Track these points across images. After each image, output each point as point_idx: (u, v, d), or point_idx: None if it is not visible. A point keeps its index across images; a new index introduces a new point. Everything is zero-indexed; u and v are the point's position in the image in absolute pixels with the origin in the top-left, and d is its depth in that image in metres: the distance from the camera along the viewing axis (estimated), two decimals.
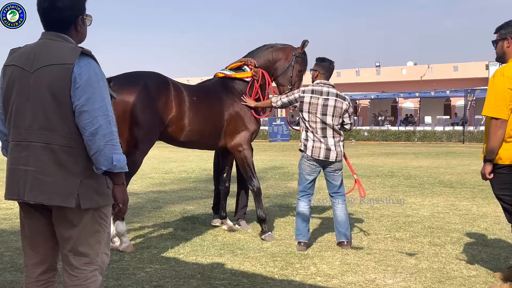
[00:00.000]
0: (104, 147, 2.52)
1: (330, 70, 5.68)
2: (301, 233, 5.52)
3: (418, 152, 22.60)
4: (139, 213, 7.59)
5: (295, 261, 5.04)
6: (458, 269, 4.79)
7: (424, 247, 5.61)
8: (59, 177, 2.53)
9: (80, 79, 2.50)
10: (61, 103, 2.52)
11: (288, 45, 6.36)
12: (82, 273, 2.66)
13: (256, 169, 6.43)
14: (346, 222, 5.59)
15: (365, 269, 4.80)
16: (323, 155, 5.43)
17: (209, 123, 5.88)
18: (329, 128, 5.45)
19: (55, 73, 2.51)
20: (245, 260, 5.07)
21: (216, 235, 6.18)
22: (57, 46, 2.58)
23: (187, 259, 5.11)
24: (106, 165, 2.55)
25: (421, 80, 46.03)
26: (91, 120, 2.51)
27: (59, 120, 2.53)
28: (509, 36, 4.10)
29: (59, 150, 2.53)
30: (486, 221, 6.95)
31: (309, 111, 5.46)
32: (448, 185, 10.81)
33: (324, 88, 5.51)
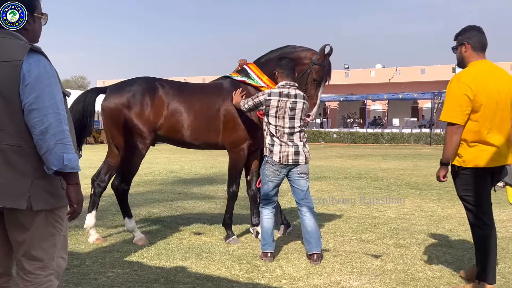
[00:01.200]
0: (55, 146, 2.48)
1: (290, 68, 5.36)
2: (267, 243, 5.26)
3: (385, 154, 22.90)
4: (103, 217, 7.46)
5: (261, 264, 5.03)
6: (423, 270, 4.85)
7: (390, 248, 5.67)
8: (8, 177, 2.47)
9: (29, 76, 2.46)
10: (10, 101, 2.47)
11: (310, 50, 5.86)
12: (37, 278, 2.61)
13: (225, 171, 6.36)
14: (316, 231, 5.24)
15: (331, 271, 4.81)
16: (292, 159, 5.18)
17: (203, 121, 5.87)
18: (297, 132, 5.23)
19: (2, 71, 2.47)
20: (210, 264, 5.03)
21: (181, 238, 6.12)
22: (6, 43, 2.54)
23: (151, 263, 5.04)
24: (57, 165, 2.49)
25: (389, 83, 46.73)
26: (41, 119, 2.46)
27: (7, 119, 2.48)
28: (465, 41, 4.27)
29: (8, 149, 2.48)
30: (451, 223, 7.07)
31: (277, 116, 5.19)
32: (414, 187, 10.98)
33: (291, 91, 5.27)
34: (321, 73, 5.73)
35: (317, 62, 5.71)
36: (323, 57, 5.73)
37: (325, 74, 5.77)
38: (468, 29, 4.32)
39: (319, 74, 5.72)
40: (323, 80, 5.79)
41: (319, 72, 5.72)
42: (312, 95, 5.74)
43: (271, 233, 5.32)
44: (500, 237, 6.16)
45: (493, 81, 4.13)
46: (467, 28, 4.33)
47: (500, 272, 4.77)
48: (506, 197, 4.28)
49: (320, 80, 5.75)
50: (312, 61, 5.73)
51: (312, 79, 5.72)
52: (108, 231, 6.54)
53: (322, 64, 5.71)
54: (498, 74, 4.24)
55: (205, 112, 5.90)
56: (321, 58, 5.72)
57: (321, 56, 5.72)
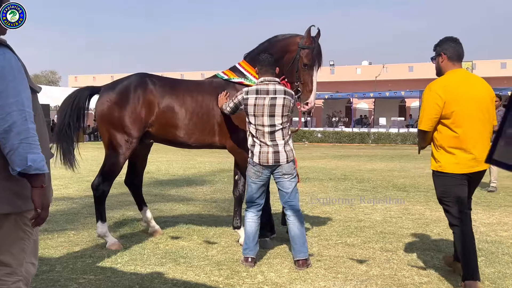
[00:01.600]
0: (19, 145, 2.44)
1: (270, 64, 5.25)
2: (249, 248, 5.22)
3: (372, 155, 23.06)
4: (74, 220, 7.40)
5: (242, 270, 5.02)
6: (410, 275, 4.88)
7: (376, 253, 5.71)
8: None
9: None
10: None
11: (297, 35, 5.78)
12: (4, 285, 2.59)
13: (204, 172, 6.35)
14: (300, 236, 5.18)
15: (315, 276, 4.83)
16: (272, 160, 5.13)
17: (196, 120, 5.88)
18: (278, 130, 5.15)
19: None
20: (188, 269, 5.01)
21: (157, 242, 6.08)
22: None
23: (125, 269, 5.01)
24: (21, 166, 2.44)
25: (376, 80, 47.04)
26: (4, 117, 2.43)
27: None
28: (442, 52, 4.67)
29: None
30: (439, 226, 7.14)
31: (255, 114, 5.13)
32: (401, 189, 11.06)
33: (270, 86, 5.15)
34: (310, 56, 5.63)
35: (304, 45, 5.64)
36: (310, 40, 5.67)
37: (315, 57, 5.65)
38: (445, 41, 4.70)
39: (309, 58, 5.63)
40: (315, 64, 5.69)
41: (308, 55, 5.63)
42: (307, 81, 5.65)
43: (253, 237, 5.29)
44: (489, 241, 6.25)
45: (466, 89, 4.45)
46: (444, 40, 4.72)
47: (490, 277, 4.83)
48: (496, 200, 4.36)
49: (311, 63, 5.64)
50: (299, 46, 5.67)
51: (303, 64, 5.64)
52: (80, 235, 6.47)
53: (310, 47, 5.64)
54: (473, 82, 4.56)
55: (199, 110, 5.90)
56: (308, 41, 5.66)
57: (307, 39, 5.67)
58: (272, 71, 5.29)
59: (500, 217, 7.88)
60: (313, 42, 5.66)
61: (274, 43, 5.86)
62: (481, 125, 4.44)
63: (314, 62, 5.65)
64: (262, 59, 5.29)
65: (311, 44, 5.65)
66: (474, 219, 7.62)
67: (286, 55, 5.72)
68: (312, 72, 5.66)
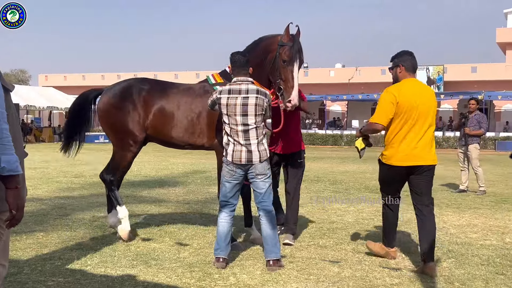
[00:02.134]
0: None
1: (242, 65, 5.28)
2: (220, 248, 5.23)
3: (345, 157, 23.23)
4: (43, 221, 7.28)
5: (214, 272, 5.00)
6: (381, 277, 4.92)
7: (348, 254, 5.74)
8: None
9: None
10: None
11: (277, 35, 5.82)
12: None
13: (177, 173, 6.34)
14: (271, 237, 5.20)
15: (287, 278, 4.83)
16: (244, 159, 5.14)
17: (186, 122, 6.10)
18: (252, 129, 5.16)
19: None
20: (159, 271, 4.96)
21: (128, 244, 6.02)
22: None
23: (95, 271, 4.94)
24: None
25: (349, 83, 47.43)
26: None
27: None
28: (400, 64, 5.41)
29: None
30: (410, 228, 7.21)
31: (228, 114, 5.17)
32: (374, 191, 11.14)
33: (242, 86, 5.19)
34: (289, 53, 5.62)
35: (283, 43, 5.65)
36: (288, 37, 5.69)
37: (294, 53, 5.63)
38: (403, 54, 5.47)
39: (288, 54, 5.62)
40: (295, 60, 5.65)
41: (287, 52, 5.62)
42: (287, 78, 5.63)
43: (225, 238, 5.29)
44: (459, 243, 6.34)
45: (416, 94, 5.22)
46: (401, 53, 5.49)
47: (460, 278, 4.89)
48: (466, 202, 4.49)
49: (290, 60, 5.62)
50: (278, 43, 5.69)
51: (282, 61, 5.64)
52: (49, 236, 6.36)
53: (288, 43, 5.64)
54: (422, 89, 5.39)
55: (189, 113, 6.11)
56: (287, 38, 5.68)
57: (286, 36, 5.69)
58: (245, 71, 5.30)
59: (470, 219, 8.01)
60: (292, 39, 5.68)
61: (259, 43, 5.94)
62: (425, 126, 5.21)
63: (293, 58, 5.63)
64: (234, 60, 5.31)
65: (290, 41, 5.66)
66: (444, 220, 7.77)
67: (269, 55, 5.76)
68: (292, 68, 5.63)
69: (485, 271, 5.15)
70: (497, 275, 5.01)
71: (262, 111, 5.21)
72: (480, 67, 45.53)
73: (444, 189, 11.63)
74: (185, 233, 6.69)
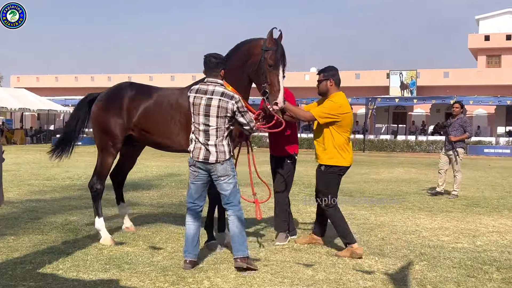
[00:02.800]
0: None
1: (213, 66, 5.31)
2: (188, 250, 5.29)
3: None
4: (14, 224, 7.15)
5: (188, 275, 4.97)
6: (355, 280, 4.95)
7: (322, 257, 5.76)
8: None
9: None
10: None
11: (260, 38, 5.89)
12: None
13: (151, 176, 6.31)
14: (240, 236, 5.27)
15: (261, 282, 4.83)
16: (202, 156, 5.21)
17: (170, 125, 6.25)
18: (212, 130, 5.21)
19: None
20: (132, 275, 4.92)
21: (101, 248, 5.95)
22: None
23: (67, 275, 4.88)
24: None
25: None
26: None
27: None
28: (331, 78, 6.08)
29: None
30: (383, 231, 7.29)
31: (193, 112, 5.29)
32: (347, 194, 11.23)
33: (209, 87, 5.27)
34: (274, 57, 5.70)
35: (267, 47, 5.72)
36: (273, 41, 5.76)
37: (279, 57, 5.73)
38: (331, 69, 6.17)
39: (273, 58, 5.70)
40: (280, 64, 5.74)
41: (272, 56, 5.70)
42: (273, 81, 5.70)
43: (192, 240, 5.33)
44: (431, 246, 6.42)
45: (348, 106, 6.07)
46: (330, 68, 6.19)
47: (432, 281, 4.95)
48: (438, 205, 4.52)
49: (276, 64, 5.71)
50: (262, 48, 5.75)
51: (268, 65, 5.70)
52: (20, 240, 6.25)
53: (273, 48, 5.72)
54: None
55: (171, 116, 6.24)
56: (271, 43, 5.75)
57: (270, 40, 5.76)
58: (215, 73, 5.36)
59: (442, 222, 8.11)
60: (275, 43, 5.77)
61: (241, 47, 5.99)
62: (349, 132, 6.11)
63: (278, 62, 5.74)
64: (206, 61, 5.40)
65: (274, 45, 5.75)
66: (417, 224, 7.86)
67: (251, 59, 5.82)
68: (277, 72, 5.73)
69: (456, 273, 5.22)
70: (468, 278, 5.08)
71: (226, 114, 5.22)
72: (452, 72, 46.17)
73: (417, 193, 11.77)
74: (159, 236, 6.65)
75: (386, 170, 18.42)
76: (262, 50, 5.75)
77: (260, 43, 5.82)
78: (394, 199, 10.56)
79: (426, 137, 38.17)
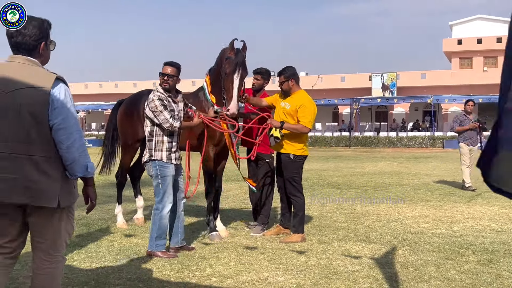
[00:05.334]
0: (79, 157, 2.96)
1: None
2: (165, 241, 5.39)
3: (309, 156, 23.26)
4: None
5: (192, 263, 4.98)
6: (344, 264, 4.97)
7: (313, 245, 5.77)
8: (43, 182, 2.88)
9: (57, 102, 2.87)
10: (41, 122, 2.86)
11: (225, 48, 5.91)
12: (55, 258, 3.10)
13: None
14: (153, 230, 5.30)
15: (259, 268, 4.84)
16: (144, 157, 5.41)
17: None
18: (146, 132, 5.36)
19: (33, 96, 2.84)
20: (141, 264, 4.92)
21: (112, 240, 5.95)
22: (30, 70, 2.90)
23: (81, 266, 4.87)
24: (81, 172, 3.00)
25: (312, 89, 47.71)
26: (67, 136, 2.91)
27: (39, 136, 2.87)
28: (292, 78, 6.00)
29: (39, 160, 2.87)
30: (369, 219, 7.31)
31: None
32: (335, 187, 11.25)
33: (150, 94, 5.36)
34: (230, 66, 5.67)
35: (228, 56, 5.73)
36: (233, 51, 5.74)
37: (235, 66, 5.67)
38: (291, 69, 6.06)
39: (229, 66, 5.68)
40: (235, 73, 5.68)
41: (230, 64, 5.68)
42: (228, 88, 5.70)
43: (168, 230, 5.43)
44: (412, 232, 6.44)
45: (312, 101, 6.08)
46: (289, 68, 6.08)
47: (414, 264, 4.97)
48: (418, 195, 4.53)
49: (231, 72, 5.68)
50: (225, 57, 5.77)
51: (225, 73, 5.71)
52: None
53: (231, 57, 5.70)
54: None
55: None
56: (231, 52, 5.74)
57: (230, 50, 5.75)
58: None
59: (422, 210, 8.14)
60: (235, 53, 5.74)
61: (219, 55, 6.01)
62: None
63: (234, 71, 5.70)
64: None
65: (232, 55, 5.73)
66: (399, 212, 7.89)
67: (222, 66, 5.83)
68: (232, 80, 5.70)
69: (436, 257, 5.24)
70: (447, 260, 5.10)
71: (146, 116, 5.31)
72: (428, 74, 46.31)
73: (399, 184, 11.79)
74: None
75: (370, 164, 18.46)
76: (225, 59, 5.76)
77: (227, 53, 5.81)
78: (378, 190, 10.59)
79: (406, 133, 38.26)
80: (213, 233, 6.07)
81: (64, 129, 2.89)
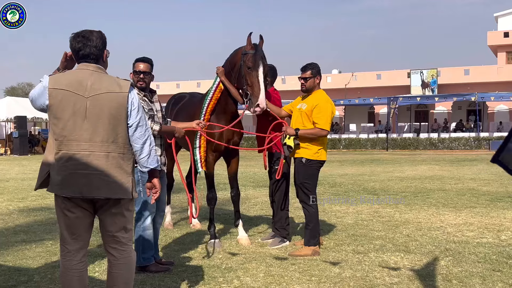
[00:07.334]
0: (151, 151, 3.57)
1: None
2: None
3: (343, 160, 23.21)
4: (52, 230, 7.27)
5: (218, 275, 4.99)
6: (381, 276, 4.92)
7: (348, 255, 5.73)
8: (120, 176, 3.39)
9: (135, 103, 3.47)
10: (119, 122, 3.40)
11: (239, 47, 5.99)
12: (128, 247, 3.59)
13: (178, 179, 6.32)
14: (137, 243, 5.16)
15: (289, 280, 4.82)
16: None
17: None
18: None
19: (114, 99, 3.38)
20: (165, 276, 4.96)
21: None
22: (105, 77, 3.46)
23: (103, 277, 4.90)
24: (154, 164, 3.59)
25: (346, 88, 47.45)
26: (144, 132, 3.52)
27: (117, 134, 3.40)
28: (318, 75, 5.87)
29: (117, 156, 3.41)
30: (408, 228, 7.21)
31: None
32: (372, 192, 11.15)
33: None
34: (252, 59, 5.72)
35: (246, 51, 5.78)
36: (251, 45, 5.79)
37: (257, 60, 5.72)
38: (316, 66, 5.89)
39: (251, 60, 5.72)
40: (259, 65, 5.72)
41: (251, 58, 5.72)
42: (253, 83, 5.71)
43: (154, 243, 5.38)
44: (456, 241, 6.33)
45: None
46: (316, 65, 5.91)
47: (457, 276, 4.89)
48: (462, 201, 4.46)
49: (254, 65, 5.71)
50: (242, 53, 5.83)
51: (247, 67, 5.73)
52: (58, 245, 6.32)
53: (251, 51, 5.75)
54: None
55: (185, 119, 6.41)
56: (249, 47, 5.78)
57: (248, 45, 5.79)
58: None
59: (466, 218, 8.00)
60: (254, 47, 5.79)
61: (228, 58, 6.17)
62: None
63: (257, 63, 5.73)
64: None
65: (252, 49, 5.78)
66: (441, 220, 7.77)
67: (235, 66, 5.92)
68: (257, 74, 5.71)
69: (482, 268, 5.14)
70: (493, 272, 5.00)
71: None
72: (472, 70, 45.51)
73: (441, 189, 11.62)
74: (189, 238, 6.69)
75: (409, 168, 18.24)
76: (241, 55, 5.81)
77: (240, 50, 5.89)
78: (418, 196, 10.45)
79: (449, 134, 37.67)
80: (212, 241, 6.13)
81: (142, 127, 3.49)
